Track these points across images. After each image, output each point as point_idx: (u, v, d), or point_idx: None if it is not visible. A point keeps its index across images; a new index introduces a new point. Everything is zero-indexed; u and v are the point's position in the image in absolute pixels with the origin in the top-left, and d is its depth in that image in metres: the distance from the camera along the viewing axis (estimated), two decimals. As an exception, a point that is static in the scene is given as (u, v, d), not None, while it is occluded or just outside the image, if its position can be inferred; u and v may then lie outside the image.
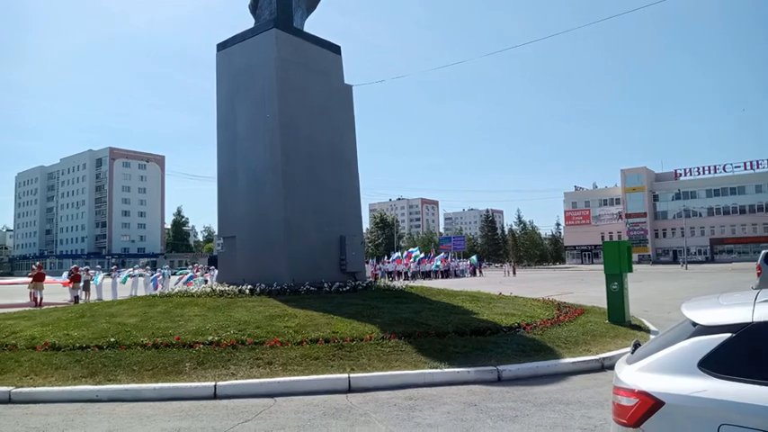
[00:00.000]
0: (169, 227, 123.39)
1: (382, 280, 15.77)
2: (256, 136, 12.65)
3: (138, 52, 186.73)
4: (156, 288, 24.89)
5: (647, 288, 22.00)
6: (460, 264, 49.39)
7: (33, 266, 22.29)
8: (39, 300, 19.45)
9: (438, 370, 6.48)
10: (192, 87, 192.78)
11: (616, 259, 10.35)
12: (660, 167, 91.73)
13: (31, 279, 20.52)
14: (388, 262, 42.94)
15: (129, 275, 25.02)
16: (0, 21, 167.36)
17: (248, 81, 12.93)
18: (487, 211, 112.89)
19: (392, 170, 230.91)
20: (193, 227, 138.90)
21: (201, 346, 6.99)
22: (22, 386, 6.12)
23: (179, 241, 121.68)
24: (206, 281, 23.12)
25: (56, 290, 22.98)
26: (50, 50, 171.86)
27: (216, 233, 17.01)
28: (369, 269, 23.98)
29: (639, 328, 9.80)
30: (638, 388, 2.57)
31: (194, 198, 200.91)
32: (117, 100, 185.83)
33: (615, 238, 70.34)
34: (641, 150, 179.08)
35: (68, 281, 20.93)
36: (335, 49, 13.96)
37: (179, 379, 6.11)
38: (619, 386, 2.72)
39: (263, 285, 11.01)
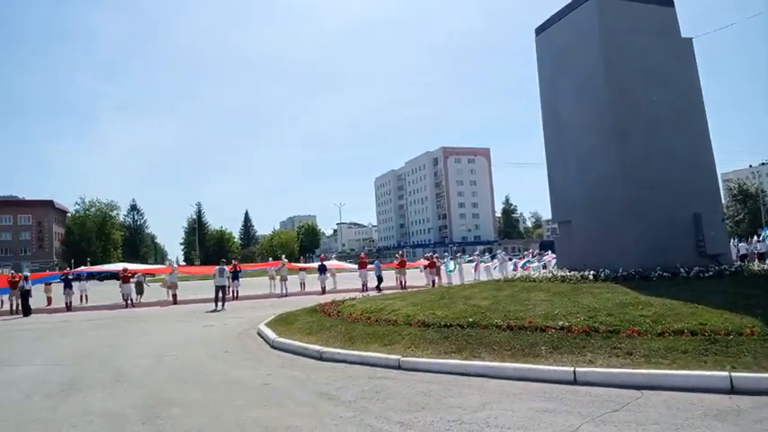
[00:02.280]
0: (499, 215, 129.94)
1: (755, 263, 13.15)
2: (584, 113, 12.15)
3: (449, 53, 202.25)
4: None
5: None
6: None
7: (396, 255, 26.46)
8: (403, 283, 22.99)
9: None
10: (508, 77, 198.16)
11: None
12: None
13: (397, 265, 24.42)
14: (759, 241, 35.42)
15: (458, 263, 27.19)
16: (337, 50, 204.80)
17: (571, 58, 12.52)
18: None
19: (750, 130, 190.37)
20: (521, 213, 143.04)
21: (553, 330, 7.07)
22: (407, 356, 7.30)
23: (510, 228, 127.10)
24: (544, 266, 23.44)
25: (413, 274, 26.73)
26: (382, 69, 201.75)
27: (543, 218, 17.03)
28: (732, 251, 20.29)
29: None
30: None
31: (519, 185, 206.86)
32: (446, 101, 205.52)
33: None
34: None
35: (425, 265, 24.15)
36: (667, 2, 12.25)
37: (537, 361, 6.32)
38: None
39: (607, 271, 10.47)
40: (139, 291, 23.30)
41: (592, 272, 10.61)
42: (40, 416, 5.68)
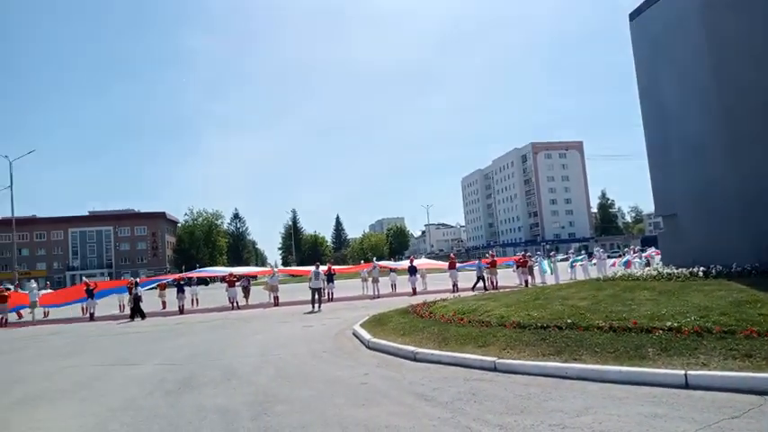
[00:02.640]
0: (595, 210, 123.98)
1: None
2: (688, 100, 11.32)
3: (534, 47, 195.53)
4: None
5: None
6: None
7: (487, 255, 26.05)
8: (495, 283, 22.61)
9: None
10: (600, 66, 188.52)
11: None
12: None
13: (488, 263, 24.08)
14: None
15: (552, 262, 26.18)
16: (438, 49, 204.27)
17: (670, 42, 11.73)
18: None
19: None
20: (619, 208, 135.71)
21: (661, 332, 6.66)
22: (502, 357, 7.20)
23: (607, 224, 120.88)
24: (647, 263, 22.10)
25: (504, 274, 26.18)
26: (466, 69, 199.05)
27: (645, 213, 16.02)
28: None
29: None
30: None
31: (617, 179, 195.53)
32: (534, 95, 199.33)
33: None
34: None
35: (518, 264, 23.64)
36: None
37: (643, 364, 5.98)
38: None
39: (718, 267, 9.69)
40: (246, 294, 24.69)
41: (701, 268, 9.88)
42: (161, 411, 6.21)
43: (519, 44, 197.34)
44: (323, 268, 22.39)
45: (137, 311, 21.01)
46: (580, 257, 28.74)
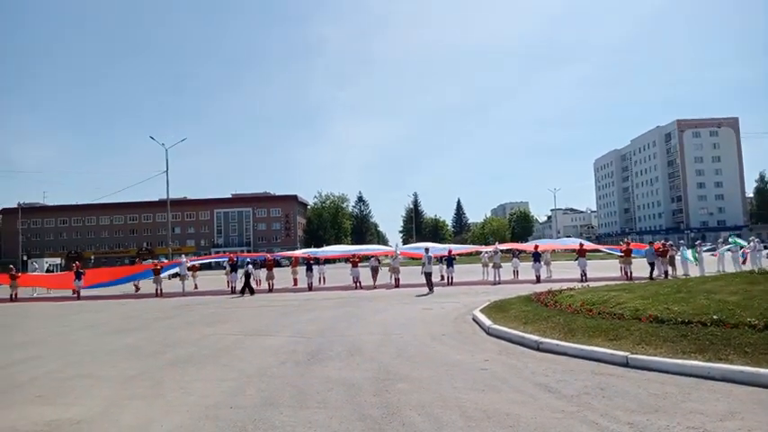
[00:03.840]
0: (751, 195, 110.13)
1: None
2: None
3: (679, 10, 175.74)
4: (742, 263, 22.63)
5: None
6: None
7: (622, 242, 24.38)
8: (629, 273, 21.12)
9: None
10: (756, 28, 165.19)
11: None
12: None
13: (621, 255, 22.54)
14: None
15: (697, 252, 23.53)
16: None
17: None
18: None
19: None
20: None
21: (831, 335, 5.80)
22: (636, 353, 6.72)
23: (765, 210, 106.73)
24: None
25: (639, 264, 24.24)
26: (601, 39, 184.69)
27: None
28: None
29: None
30: None
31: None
32: (675, 63, 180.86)
33: None
34: None
35: (656, 255, 21.80)
36: None
37: (806, 370, 5.26)
38: None
39: None
40: (374, 275, 25.28)
41: None
42: (292, 381, 6.65)
43: (661, 6, 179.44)
44: (436, 250, 22.25)
45: (247, 287, 22.65)
46: (731, 247, 25.43)
